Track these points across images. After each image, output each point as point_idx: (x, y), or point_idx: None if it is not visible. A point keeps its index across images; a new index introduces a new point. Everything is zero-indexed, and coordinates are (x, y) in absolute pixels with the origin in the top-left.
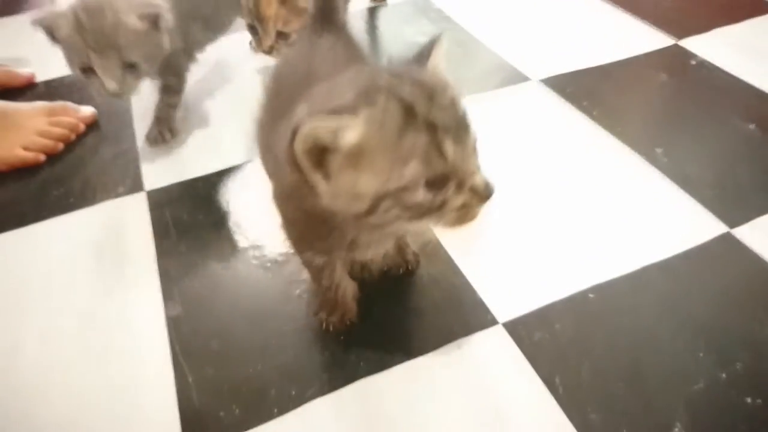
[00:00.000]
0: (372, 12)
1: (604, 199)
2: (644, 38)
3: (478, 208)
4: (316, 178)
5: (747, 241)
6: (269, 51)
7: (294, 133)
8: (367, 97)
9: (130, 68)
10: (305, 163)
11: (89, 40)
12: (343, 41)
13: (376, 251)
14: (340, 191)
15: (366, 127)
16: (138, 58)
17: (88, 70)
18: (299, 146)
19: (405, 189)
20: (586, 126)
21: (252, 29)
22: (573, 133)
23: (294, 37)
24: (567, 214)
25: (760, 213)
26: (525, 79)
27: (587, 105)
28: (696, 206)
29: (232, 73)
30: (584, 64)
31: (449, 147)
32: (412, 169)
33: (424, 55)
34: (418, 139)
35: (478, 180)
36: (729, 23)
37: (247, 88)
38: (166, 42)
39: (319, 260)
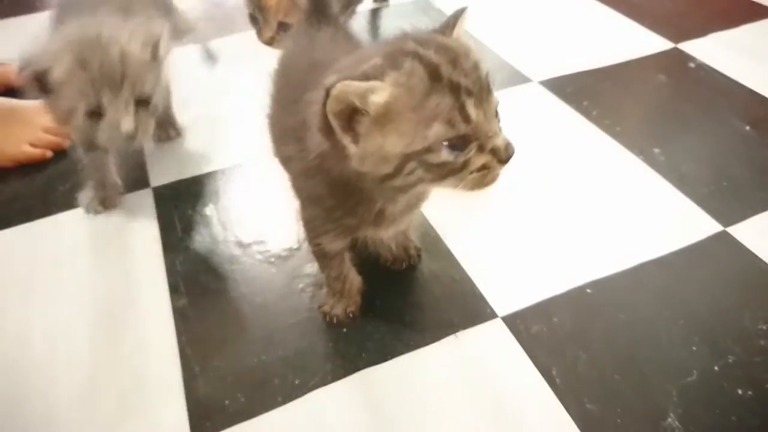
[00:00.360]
0: (374, 12)
1: (603, 198)
2: (644, 41)
3: (499, 170)
4: (346, 141)
5: (741, 239)
6: (270, 42)
7: (326, 95)
8: (394, 61)
9: (143, 105)
10: (336, 123)
11: (97, 76)
12: (341, 33)
13: (398, 227)
14: (368, 153)
15: (393, 89)
16: (150, 91)
17: (94, 115)
18: (331, 107)
19: (429, 150)
20: (586, 126)
21: (253, 19)
22: (572, 133)
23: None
24: (566, 212)
25: (754, 212)
26: (526, 80)
27: (587, 105)
28: (692, 205)
29: (237, 72)
30: (584, 66)
31: (472, 109)
32: (436, 130)
33: (449, 25)
34: (443, 101)
35: (499, 142)
36: (726, 27)
37: (251, 87)
38: (164, 73)
39: (332, 247)
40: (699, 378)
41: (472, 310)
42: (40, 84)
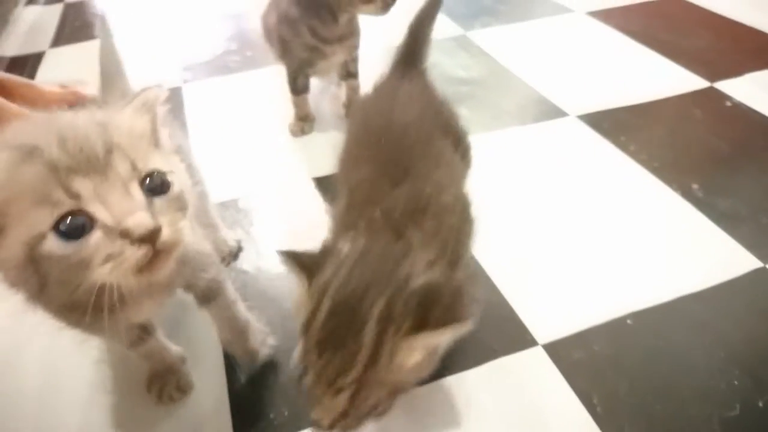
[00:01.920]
0: None
1: (643, 231)
2: (680, 79)
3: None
4: None
5: None
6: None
7: None
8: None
9: (157, 192)
10: None
11: (63, 158)
12: (428, 90)
13: None
14: None
15: None
16: (160, 168)
17: (73, 231)
18: None
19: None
20: (623, 160)
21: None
22: (610, 167)
23: None
24: (605, 243)
25: None
26: (563, 114)
27: (624, 141)
28: (731, 241)
29: (272, 104)
30: (621, 102)
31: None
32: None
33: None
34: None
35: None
36: (762, 68)
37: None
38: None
39: None
40: (742, 412)
41: (512, 336)
42: None
